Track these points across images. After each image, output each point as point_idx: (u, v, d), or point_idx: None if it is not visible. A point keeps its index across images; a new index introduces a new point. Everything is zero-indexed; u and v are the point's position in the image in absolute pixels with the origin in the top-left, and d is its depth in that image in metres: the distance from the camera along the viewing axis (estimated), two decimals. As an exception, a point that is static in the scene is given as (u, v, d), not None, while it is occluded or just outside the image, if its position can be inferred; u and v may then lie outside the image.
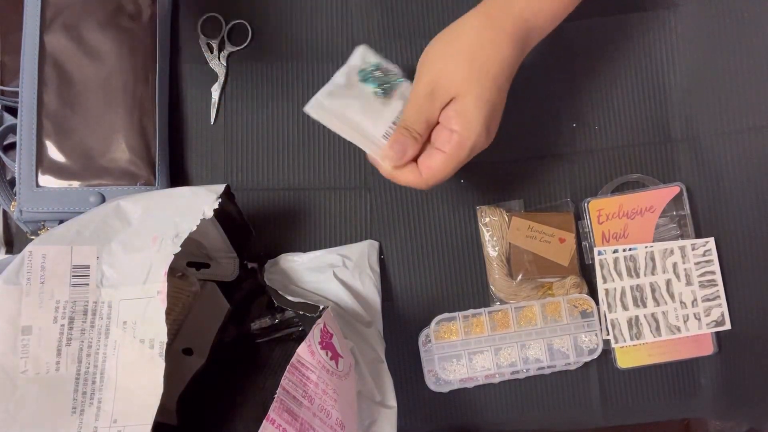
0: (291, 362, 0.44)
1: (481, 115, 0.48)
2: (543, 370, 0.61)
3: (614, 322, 0.61)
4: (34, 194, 0.57)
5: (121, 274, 0.47)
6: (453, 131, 0.48)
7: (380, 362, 0.57)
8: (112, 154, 0.59)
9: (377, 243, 0.63)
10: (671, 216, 0.62)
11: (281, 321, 0.59)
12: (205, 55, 0.65)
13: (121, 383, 0.45)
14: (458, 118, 0.48)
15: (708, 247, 0.62)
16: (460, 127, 0.48)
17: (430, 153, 0.50)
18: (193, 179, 0.64)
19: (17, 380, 0.44)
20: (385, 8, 0.65)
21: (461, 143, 0.48)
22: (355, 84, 0.53)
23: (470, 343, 0.61)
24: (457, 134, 0.48)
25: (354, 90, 0.52)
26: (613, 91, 0.64)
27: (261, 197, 0.64)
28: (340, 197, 0.64)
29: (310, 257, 0.62)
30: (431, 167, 0.50)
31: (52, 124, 0.58)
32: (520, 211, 0.63)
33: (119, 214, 0.49)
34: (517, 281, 0.61)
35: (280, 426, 0.41)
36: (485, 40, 0.48)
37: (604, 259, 0.62)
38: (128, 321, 0.46)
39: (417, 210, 0.64)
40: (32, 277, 0.46)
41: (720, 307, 0.61)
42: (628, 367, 0.62)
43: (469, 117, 0.48)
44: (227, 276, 0.60)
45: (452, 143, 0.48)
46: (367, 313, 0.58)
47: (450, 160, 0.49)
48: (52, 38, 0.59)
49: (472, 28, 0.49)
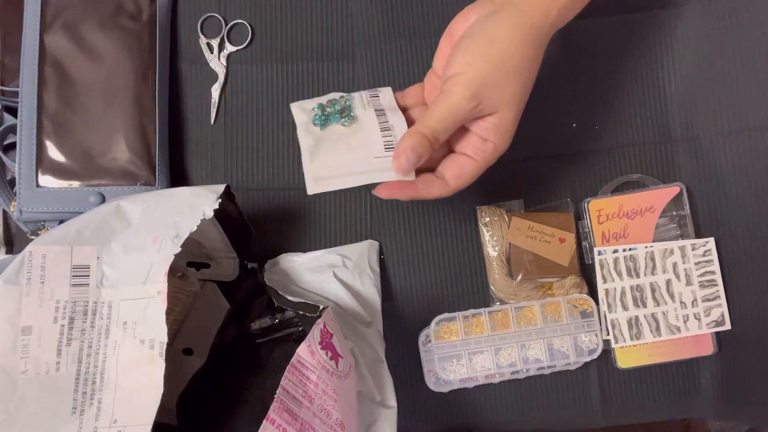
0: (291, 362, 0.44)
1: (515, 127, 0.48)
2: (543, 370, 0.61)
3: (614, 322, 0.61)
4: (34, 194, 0.57)
5: (121, 274, 0.47)
6: (487, 141, 0.48)
7: (380, 362, 0.57)
8: (112, 154, 0.59)
9: (377, 243, 0.63)
10: (671, 216, 0.62)
11: (281, 321, 0.59)
12: (205, 55, 0.65)
13: (121, 383, 0.45)
14: (496, 131, 0.47)
15: (708, 247, 0.62)
16: (496, 138, 0.47)
17: (459, 161, 0.49)
18: (193, 179, 0.64)
19: (17, 380, 0.44)
20: (385, 8, 0.65)
21: (495, 153, 0.48)
22: (321, 135, 0.49)
23: (470, 343, 0.61)
24: (492, 144, 0.48)
25: (325, 140, 0.49)
26: (613, 91, 0.64)
27: (261, 197, 0.64)
28: (340, 197, 0.64)
29: (310, 257, 0.62)
30: (462, 176, 0.48)
31: (52, 124, 0.58)
32: (520, 211, 0.63)
33: (119, 214, 0.49)
34: (517, 281, 0.61)
35: (280, 426, 0.41)
36: (529, 55, 0.47)
37: (604, 259, 0.62)
38: (128, 321, 0.46)
39: (417, 210, 0.64)
40: (32, 277, 0.46)
41: (720, 307, 0.61)
42: (628, 367, 0.62)
43: (506, 129, 0.48)
44: (227, 276, 0.60)
45: (487, 153, 0.48)
46: (367, 313, 0.58)
47: (481, 168, 0.48)
48: (52, 38, 0.59)
49: (518, 41, 0.46)
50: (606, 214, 0.62)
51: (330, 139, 0.49)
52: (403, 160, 0.46)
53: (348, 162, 0.48)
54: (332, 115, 0.49)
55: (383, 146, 0.48)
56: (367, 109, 0.50)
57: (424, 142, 0.46)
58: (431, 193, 0.49)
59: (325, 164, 0.48)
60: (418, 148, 0.46)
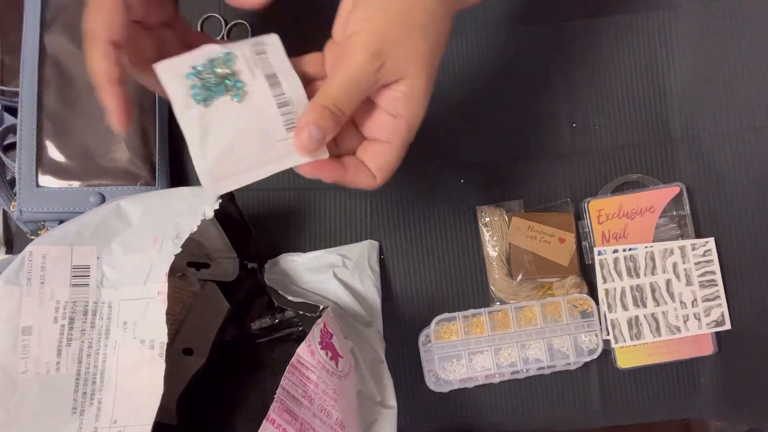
0: (291, 362, 0.44)
1: (428, 97, 0.42)
2: (543, 370, 0.61)
3: (614, 322, 0.61)
4: (34, 194, 0.57)
5: (121, 274, 0.47)
6: (399, 116, 0.41)
7: (380, 362, 0.57)
8: (112, 154, 0.59)
9: (377, 243, 0.63)
10: (671, 216, 0.62)
11: (281, 321, 0.59)
12: (205, 55, 0.65)
13: (122, 383, 0.45)
14: (407, 102, 0.41)
15: (708, 247, 0.62)
16: (407, 111, 0.41)
17: (377, 151, 0.43)
18: (193, 179, 0.64)
19: (17, 380, 0.44)
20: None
21: (409, 129, 0.42)
22: (206, 116, 0.40)
23: (470, 343, 0.61)
24: (404, 120, 0.41)
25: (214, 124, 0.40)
26: (613, 91, 0.64)
27: (261, 197, 0.64)
28: (340, 197, 0.64)
29: (310, 257, 0.62)
30: (385, 166, 0.43)
31: (52, 124, 0.58)
32: (520, 211, 0.63)
33: (119, 215, 0.49)
34: (517, 281, 0.61)
35: (280, 426, 0.41)
36: (437, 13, 0.41)
37: (604, 259, 0.62)
38: (128, 321, 0.46)
39: (417, 210, 0.64)
40: (32, 277, 0.46)
41: (720, 307, 0.61)
42: (628, 367, 0.62)
43: (417, 100, 0.41)
44: (227, 276, 0.60)
45: (400, 132, 0.42)
46: (367, 313, 0.58)
47: (400, 149, 0.42)
48: (52, 38, 0.58)
49: None
50: (606, 214, 0.62)
51: (219, 121, 0.40)
52: (305, 136, 0.40)
53: (247, 152, 0.41)
54: (215, 87, 0.41)
55: (284, 126, 0.41)
56: (256, 75, 0.42)
57: (327, 115, 0.40)
58: (358, 182, 0.43)
59: (222, 158, 0.40)
60: (321, 122, 0.40)
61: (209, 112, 0.41)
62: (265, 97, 0.41)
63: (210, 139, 0.40)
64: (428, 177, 0.64)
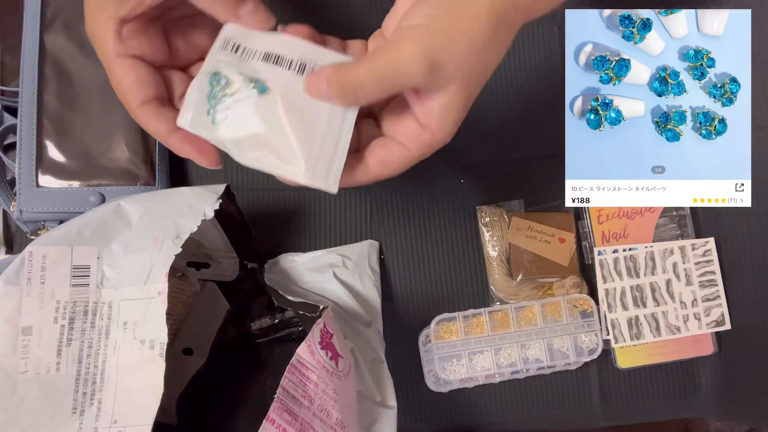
0: (291, 362, 0.44)
1: (462, 118, 0.39)
2: (543, 370, 0.61)
3: (614, 322, 0.61)
4: (34, 194, 0.57)
5: (121, 274, 0.47)
6: (426, 127, 0.39)
7: (380, 362, 0.57)
8: (112, 154, 0.59)
9: (377, 243, 0.63)
10: (671, 216, 0.62)
11: (281, 321, 0.59)
12: (205, 55, 0.65)
13: (122, 384, 0.45)
14: (442, 116, 0.38)
15: (708, 247, 0.62)
16: (438, 126, 0.38)
17: (388, 146, 0.40)
18: (193, 179, 0.64)
19: (17, 380, 0.44)
20: (387, 9, 0.65)
21: (432, 145, 0.39)
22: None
23: (470, 343, 0.61)
24: (430, 133, 0.39)
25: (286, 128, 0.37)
26: (613, 91, 0.64)
27: (261, 197, 0.64)
28: (340, 197, 0.64)
29: (310, 257, 0.62)
30: (387, 163, 0.40)
31: (52, 124, 0.58)
32: (520, 211, 0.63)
33: (119, 215, 0.49)
34: (517, 281, 0.61)
35: (280, 426, 0.41)
36: (502, 35, 0.38)
37: (604, 259, 0.62)
38: (128, 321, 0.46)
39: (417, 210, 0.64)
40: (32, 277, 0.46)
41: (720, 307, 0.61)
42: (628, 367, 0.62)
43: (452, 117, 0.38)
44: (227, 276, 0.60)
45: (422, 143, 0.39)
46: (367, 313, 0.58)
47: (412, 159, 0.40)
48: (52, 38, 0.58)
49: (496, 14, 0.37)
50: (606, 214, 0.62)
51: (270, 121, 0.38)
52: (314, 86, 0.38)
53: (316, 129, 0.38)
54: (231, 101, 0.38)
55: None
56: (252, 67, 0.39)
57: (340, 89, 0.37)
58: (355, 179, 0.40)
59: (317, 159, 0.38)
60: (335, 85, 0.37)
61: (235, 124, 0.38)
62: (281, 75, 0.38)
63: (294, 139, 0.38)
64: (428, 177, 0.64)
